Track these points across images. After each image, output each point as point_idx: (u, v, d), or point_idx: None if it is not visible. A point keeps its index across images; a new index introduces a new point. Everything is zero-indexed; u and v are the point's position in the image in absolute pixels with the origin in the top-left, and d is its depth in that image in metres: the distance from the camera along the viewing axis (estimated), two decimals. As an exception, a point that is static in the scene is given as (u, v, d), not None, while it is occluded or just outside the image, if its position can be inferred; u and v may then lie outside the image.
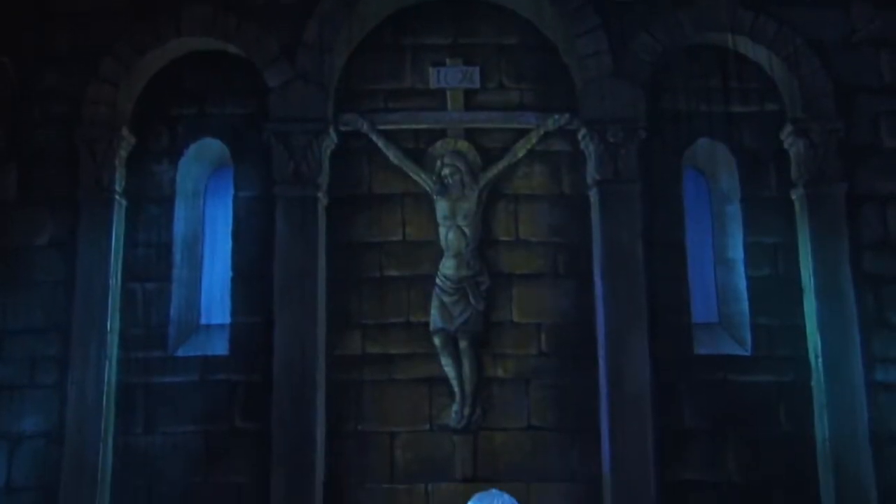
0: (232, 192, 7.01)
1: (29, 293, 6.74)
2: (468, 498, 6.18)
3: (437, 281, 6.79)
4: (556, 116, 7.00)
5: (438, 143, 7.02)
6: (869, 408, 6.46)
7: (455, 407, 6.67)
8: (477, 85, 7.13)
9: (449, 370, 6.70)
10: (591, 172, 6.87)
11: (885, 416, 6.48)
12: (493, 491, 3.42)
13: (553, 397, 6.70)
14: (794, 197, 6.86)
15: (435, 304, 6.76)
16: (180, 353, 6.78)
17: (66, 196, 6.84)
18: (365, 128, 7.01)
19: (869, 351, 6.56)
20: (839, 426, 6.43)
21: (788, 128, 6.87)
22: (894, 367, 6.57)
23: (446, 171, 6.89)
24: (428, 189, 6.93)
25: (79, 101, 6.94)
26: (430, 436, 6.66)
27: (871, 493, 6.33)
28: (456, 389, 6.68)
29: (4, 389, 6.61)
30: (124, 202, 6.89)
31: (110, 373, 6.60)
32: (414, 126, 7.08)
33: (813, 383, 6.58)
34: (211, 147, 7.10)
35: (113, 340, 6.67)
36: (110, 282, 6.70)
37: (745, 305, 6.81)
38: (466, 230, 6.82)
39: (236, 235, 6.92)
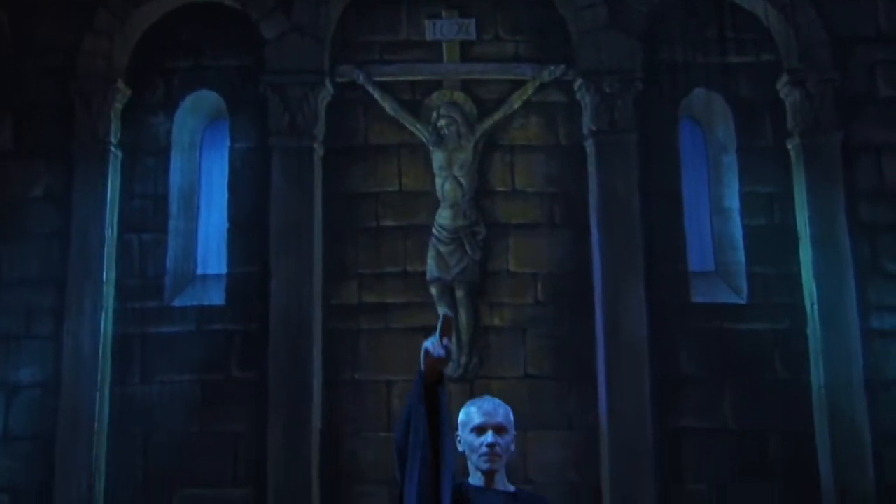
0: (228, 143, 6.98)
1: (24, 245, 6.70)
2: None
3: (434, 231, 6.77)
4: (553, 68, 6.98)
5: (434, 95, 6.99)
6: (864, 355, 6.45)
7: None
8: (473, 37, 7.08)
9: (446, 319, 6.69)
10: (588, 123, 6.86)
11: (879, 363, 6.48)
12: (487, 397, 3.41)
13: (550, 346, 6.68)
14: (789, 146, 6.84)
15: (431, 253, 6.73)
16: (177, 303, 6.75)
17: (61, 148, 6.79)
18: (361, 79, 6.98)
19: (864, 298, 6.55)
20: (835, 373, 6.43)
21: (784, 78, 6.85)
22: (889, 315, 6.56)
23: (442, 122, 6.86)
24: (424, 140, 6.90)
25: (74, 53, 6.89)
26: (427, 385, 6.64)
27: (866, 439, 6.33)
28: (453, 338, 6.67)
29: (0, 340, 6.58)
30: (120, 154, 6.86)
31: (106, 323, 6.58)
32: (410, 78, 7.04)
33: (809, 331, 6.58)
34: (207, 99, 7.06)
35: (109, 291, 6.63)
36: (106, 233, 6.66)
37: (742, 254, 6.80)
38: (463, 180, 6.79)
39: (232, 186, 6.89)
